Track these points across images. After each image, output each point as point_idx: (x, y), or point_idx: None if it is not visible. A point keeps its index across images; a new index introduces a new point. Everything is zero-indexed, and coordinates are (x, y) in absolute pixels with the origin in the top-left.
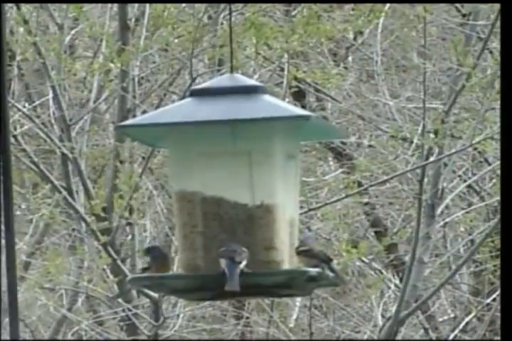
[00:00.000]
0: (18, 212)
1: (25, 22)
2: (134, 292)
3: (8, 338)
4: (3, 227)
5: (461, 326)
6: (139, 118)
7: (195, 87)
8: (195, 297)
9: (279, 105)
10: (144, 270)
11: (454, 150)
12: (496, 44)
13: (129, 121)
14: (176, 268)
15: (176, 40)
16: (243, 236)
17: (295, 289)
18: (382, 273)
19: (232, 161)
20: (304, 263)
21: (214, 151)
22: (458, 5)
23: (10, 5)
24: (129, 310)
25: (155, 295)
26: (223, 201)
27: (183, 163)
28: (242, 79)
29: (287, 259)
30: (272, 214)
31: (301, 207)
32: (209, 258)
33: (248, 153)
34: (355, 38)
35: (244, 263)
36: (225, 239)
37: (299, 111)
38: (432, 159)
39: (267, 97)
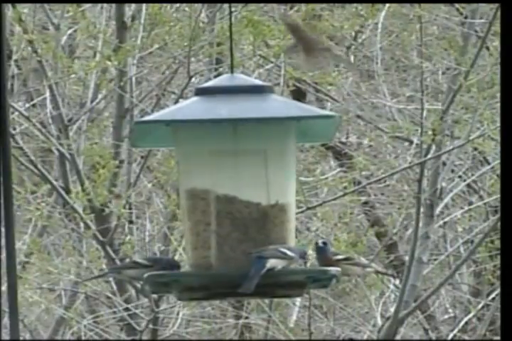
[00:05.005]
0: (18, 213)
1: (21, 20)
2: (133, 292)
3: (8, 338)
4: (3, 228)
5: (460, 326)
6: (153, 116)
7: (201, 85)
8: (205, 295)
9: (293, 104)
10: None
11: (451, 147)
12: (495, 43)
13: (149, 117)
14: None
15: (174, 40)
16: (256, 235)
17: (294, 289)
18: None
19: (247, 160)
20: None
21: (227, 150)
22: (458, 5)
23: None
24: (127, 310)
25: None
26: (236, 200)
27: (194, 161)
28: (249, 79)
29: None
30: (286, 214)
31: (300, 207)
32: (221, 257)
33: (264, 151)
34: (355, 38)
35: (273, 260)
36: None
37: (318, 110)
38: (429, 156)
39: (277, 97)
